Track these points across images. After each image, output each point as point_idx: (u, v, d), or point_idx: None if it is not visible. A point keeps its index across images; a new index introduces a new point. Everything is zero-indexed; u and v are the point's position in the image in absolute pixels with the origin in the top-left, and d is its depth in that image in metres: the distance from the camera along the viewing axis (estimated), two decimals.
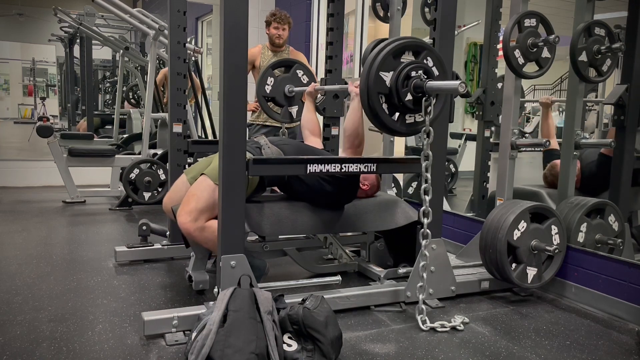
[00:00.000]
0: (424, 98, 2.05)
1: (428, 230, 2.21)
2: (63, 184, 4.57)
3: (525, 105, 7.59)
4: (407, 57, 2.06)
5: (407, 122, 2.13)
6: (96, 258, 2.97)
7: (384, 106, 2.05)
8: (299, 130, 3.46)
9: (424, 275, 2.21)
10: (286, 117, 3.22)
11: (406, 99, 2.04)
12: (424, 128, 2.12)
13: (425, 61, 2.08)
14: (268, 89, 3.14)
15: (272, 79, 3.14)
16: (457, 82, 1.94)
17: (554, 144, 3.40)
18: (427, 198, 2.20)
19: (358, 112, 2.47)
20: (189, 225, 2.18)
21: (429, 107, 2.06)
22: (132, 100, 7.22)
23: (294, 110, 3.22)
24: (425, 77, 2.04)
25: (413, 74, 2.03)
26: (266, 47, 4.43)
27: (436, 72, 2.10)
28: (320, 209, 2.45)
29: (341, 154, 2.63)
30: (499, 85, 3.68)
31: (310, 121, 2.92)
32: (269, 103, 3.19)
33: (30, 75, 15.56)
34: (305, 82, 3.19)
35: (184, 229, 2.20)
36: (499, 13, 3.65)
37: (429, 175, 2.20)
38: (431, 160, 2.19)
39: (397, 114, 2.10)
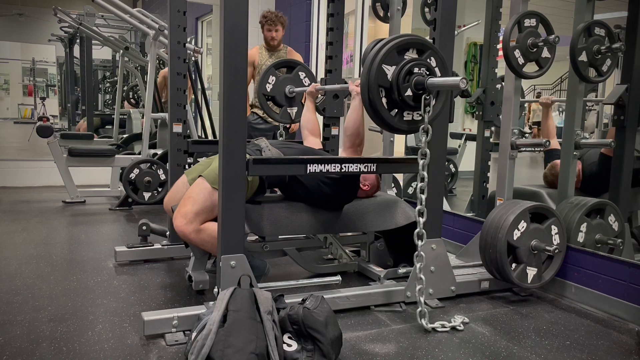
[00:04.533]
0: (424, 95, 2.04)
1: (424, 230, 2.19)
2: (63, 184, 4.57)
3: (524, 105, 7.58)
4: (411, 55, 2.06)
5: (405, 119, 2.10)
6: (96, 258, 2.97)
7: (384, 101, 2.04)
8: (299, 132, 3.47)
9: (422, 277, 2.16)
10: (285, 117, 3.22)
11: (406, 94, 2.02)
12: (423, 126, 2.11)
13: (428, 60, 2.07)
14: (269, 87, 3.14)
15: (274, 78, 3.15)
16: (459, 78, 1.93)
17: (555, 143, 3.40)
18: (423, 197, 2.18)
19: (359, 111, 2.47)
20: (185, 228, 2.18)
21: (429, 105, 2.05)
22: (131, 100, 7.23)
23: (293, 111, 3.21)
24: (428, 74, 2.04)
25: (415, 70, 2.02)
26: (263, 48, 4.44)
27: (438, 73, 2.09)
28: (320, 209, 2.45)
29: (341, 153, 2.62)
30: (498, 86, 3.68)
31: (310, 121, 2.93)
32: (268, 102, 3.19)
33: (30, 75, 15.57)
34: (306, 84, 3.20)
35: (179, 231, 2.20)
36: (499, 13, 3.65)
37: (425, 173, 2.18)
38: (428, 158, 2.18)
39: (395, 110, 2.08)
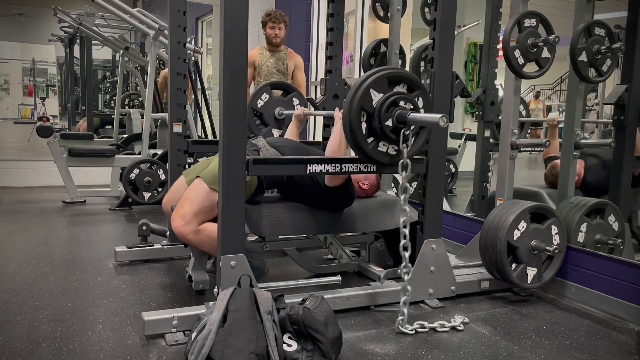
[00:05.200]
0: (403, 129, 2.02)
1: (410, 265, 2.17)
2: (63, 184, 4.57)
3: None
4: (401, 89, 2.05)
5: (379, 149, 2.08)
6: (96, 258, 2.97)
7: (363, 126, 2.01)
8: None
9: (405, 312, 2.12)
10: (267, 136, 3.21)
11: (386, 123, 2.01)
12: (402, 161, 2.08)
13: (416, 99, 2.06)
14: (260, 103, 3.14)
15: (267, 96, 3.15)
16: (439, 115, 1.90)
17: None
18: (407, 231, 2.13)
19: (338, 136, 2.40)
20: (183, 229, 2.18)
21: (407, 141, 2.03)
22: (126, 107, 7.23)
23: (277, 133, 3.20)
24: (411, 109, 2.03)
25: (401, 103, 2.02)
26: (264, 48, 4.41)
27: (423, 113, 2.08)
28: (320, 209, 2.44)
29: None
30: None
31: None
32: (255, 118, 3.19)
33: (30, 75, 15.58)
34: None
35: (177, 232, 2.20)
36: (499, 13, 3.66)
37: (407, 208, 2.14)
38: (409, 194, 2.14)
39: (372, 139, 2.06)
